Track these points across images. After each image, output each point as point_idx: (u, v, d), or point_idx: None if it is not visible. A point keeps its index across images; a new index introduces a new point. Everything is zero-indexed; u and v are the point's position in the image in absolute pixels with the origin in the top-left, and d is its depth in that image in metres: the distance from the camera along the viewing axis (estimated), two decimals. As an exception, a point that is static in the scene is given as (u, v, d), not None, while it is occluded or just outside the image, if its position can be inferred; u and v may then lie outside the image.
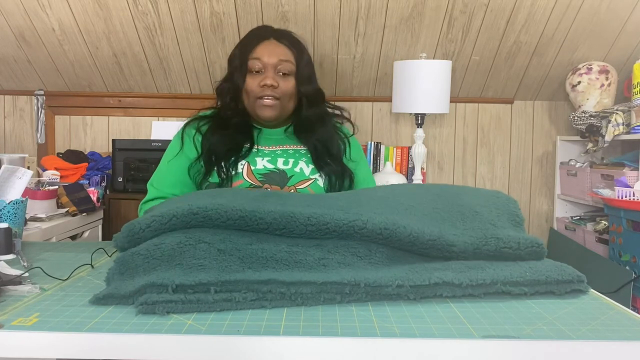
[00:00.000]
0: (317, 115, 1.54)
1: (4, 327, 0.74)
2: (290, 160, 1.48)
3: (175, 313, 0.79)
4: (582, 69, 2.75)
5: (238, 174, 1.44)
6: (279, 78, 1.49)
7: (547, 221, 3.16)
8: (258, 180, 1.43)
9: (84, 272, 1.04)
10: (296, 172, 1.46)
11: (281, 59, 1.49)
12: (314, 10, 2.56)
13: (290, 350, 0.73)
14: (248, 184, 1.43)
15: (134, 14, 2.60)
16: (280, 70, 1.49)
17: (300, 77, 1.51)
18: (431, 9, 2.56)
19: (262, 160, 1.47)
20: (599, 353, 0.73)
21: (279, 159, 1.48)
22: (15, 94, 3.13)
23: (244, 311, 0.82)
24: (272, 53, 1.49)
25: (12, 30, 2.72)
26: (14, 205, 1.27)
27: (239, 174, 1.44)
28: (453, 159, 3.14)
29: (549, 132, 3.14)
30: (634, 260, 2.23)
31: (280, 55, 1.50)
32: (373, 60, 2.84)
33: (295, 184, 1.44)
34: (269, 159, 1.48)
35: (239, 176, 1.43)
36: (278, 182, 1.44)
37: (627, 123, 2.53)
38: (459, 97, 3.07)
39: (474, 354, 0.73)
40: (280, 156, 1.49)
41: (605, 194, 2.44)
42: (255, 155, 1.48)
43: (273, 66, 1.49)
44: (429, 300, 0.88)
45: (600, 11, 2.55)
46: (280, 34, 1.54)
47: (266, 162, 1.47)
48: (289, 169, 1.46)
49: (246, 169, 1.45)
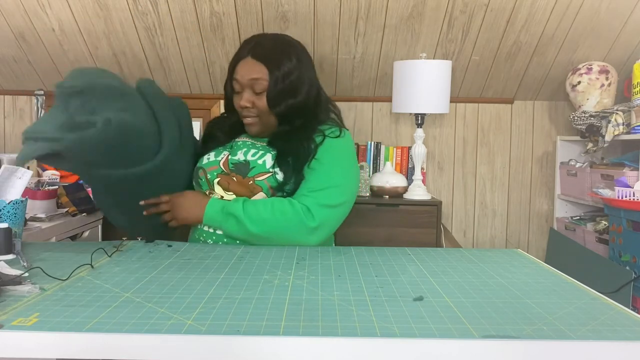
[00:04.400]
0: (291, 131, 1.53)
1: (4, 327, 0.74)
2: (260, 152, 1.52)
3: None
4: (582, 69, 2.75)
5: (216, 161, 1.54)
6: (254, 96, 1.50)
7: (547, 221, 3.16)
8: (229, 169, 1.51)
9: (84, 272, 1.04)
10: (258, 164, 1.49)
11: (252, 77, 1.49)
12: (314, 10, 2.56)
13: (290, 350, 0.73)
14: (220, 170, 1.52)
15: (134, 14, 2.60)
16: (254, 89, 1.50)
17: (270, 94, 1.49)
18: (431, 9, 2.56)
19: (240, 152, 1.54)
20: (599, 353, 0.73)
21: (250, 150, 1.53)
22: (15, 94, 3.13)
23: (244, 311, 0.82)
24: (245, 73, 1.50)
25: (12, 30, 2.72)
26: (14, 205, 1.27)
27: (217, 161, 1.53)
28: (453, 159, 3.14)
29: (549, 132, 3.14)
30: (634, 260, 2.23)
31: (253, 74, 1.49)
32: (373, 60, 2.84)
33: (254, 176, 1.48)
34: (245, 150, 1.54)
35: (216, 162, 1.53)
36: (242, 171, 1.49)
37: (627, 123, 2.53)
38: (459, 97, 3.07)
39: (474, 354, 0.73)
40: (254, 148, 1.54)
41: (605, 194, 2.44)
42: (237, 148, 1.55)
43: (248, 85, 1.51)
44: (429, 300, 0.89)
45: (600, 11, 2.55)
46: (258, 50, 1.51)
47: (241, 154, 1.53)
48: (253, 161, 1.50)
49: (225, 157, 1.53)
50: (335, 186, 1.47)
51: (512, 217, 3.17)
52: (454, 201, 3.15)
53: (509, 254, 1.26)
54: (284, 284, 0.98)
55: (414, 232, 2.67)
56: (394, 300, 0.89)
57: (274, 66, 1.49)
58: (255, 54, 1.50)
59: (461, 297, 0.92)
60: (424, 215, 2.67)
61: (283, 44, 1.54)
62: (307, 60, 1.58)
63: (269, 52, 1.51)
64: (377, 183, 2.77)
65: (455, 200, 3.15)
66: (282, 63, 1.49)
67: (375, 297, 0.90)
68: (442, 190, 3.15)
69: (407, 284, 1.00)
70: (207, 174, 1.52)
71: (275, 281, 1.00)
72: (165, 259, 1.17)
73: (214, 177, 1.51)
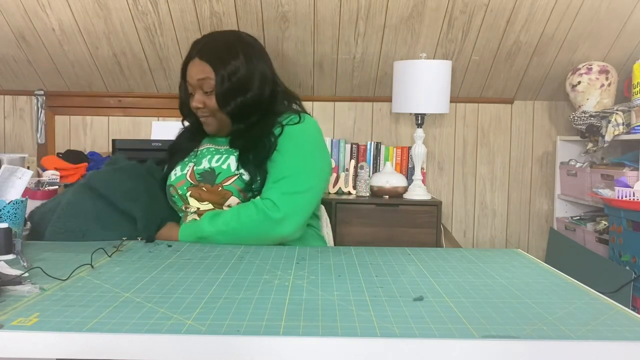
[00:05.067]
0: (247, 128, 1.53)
1: (4, 327, 0.74)
2: (223, 156, 1.50)
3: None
4: (582, 69, 2.75)
5: (183, 175, 1.52)
6: (205, 97, 1.50)
7: (547, 221, 3.16)
8: (196, 180, 1.49)
9: (84, 272, 1.04)
10: (223, 169, 1.47)
11: (200, 78, 1.49)
12: (314, 10, 2.56)
13: (290, 350, 0.73)
14: (189, 183, 1.50)
15: (134, 14, 2.60)
16: (204, 90, 1.50)
17: (218, 94, 1.49)
18: (431, 9, 2.56)
19: (205, 160, 1.52)
20: (599, 353, 0.73)
21: (215, 156, 1.52)
22: (15, 94, 3.13)
23: (244, 311, 0.82)
24: (193, 74, 1.50)
25: (12, 30, 2.72)
26: (14, 205, 1.27)
27: (183, 175, 1.52)
28: (453, 159, 3.14)
29: (549, 132, 3.14)
30: (634, 260, 2.23)
31: (200, 74, 1.49)
32: (373, 60, 2.84)
33: (221, 182, 1.46)
34: (209, 157, 1.52)
35: (183, 176, 1.52)
36: (209, 180, 1.48)
37: (627, 123, 2.53)
38: (459, 97, 3.07)
39: (474, 354, 0.73)
40: (217, 153, 1.53)
41: (605, 194, 2.44)
42: (202, 157, 1.53)
43: (198, 86, 1.50)
44: (429, 300, 0.89)
45: (600, 11, 2.55)
46: (204, 51, 1.51)
47: (206, 162, 1.51)
48: (217, 167, 1.48)
49: (190, 169, 1.52)
50: (297, 173, 1.45)
51: (512, 217, 3.17)
52: (454, 201, 3.15)
53: (509, 254, 1.26)
54: (284, 284, 0.98)
55: (414, 232, 2.67)
56: (394, 300, 0.89)
57: (220, 65, 1.48)
58: (202, 54, 1.50)
59: (461, 297, 0.92)
60: (424, 215, 2.67)
61: (229, 42, 1.53)
62: (258, 55, 1.55)
63: (214, 52, 1.50)
64: (377, 183, 2.77)
65: (455, 200, 3.15)
66: (228, 62, 1.49)
67: (375, 297, 0.90)
68: (442, 190, 3.15)
69: (407, 284, 0.99)
70: (178, 190, 1.51)
71: (275, 281, 1.00)
72: (165, 259, 1.17)
73: (185, 191, 1.50)
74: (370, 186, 2.81)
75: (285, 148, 1.48)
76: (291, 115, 1.54)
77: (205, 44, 1.52)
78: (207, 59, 1.49)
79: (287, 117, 1.53)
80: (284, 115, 1.54)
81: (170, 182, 1.55)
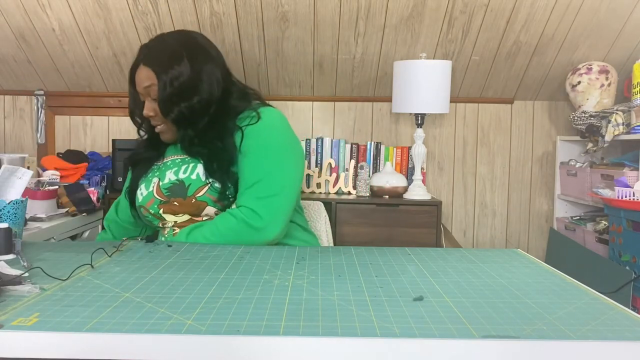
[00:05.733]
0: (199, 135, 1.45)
1: (4, 327, 0.74)
2: (191, 165, 1.44)
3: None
4: (582, 69, 2.75)
5: (150, 193, 1.45)
6: (154, 103, 1.43)
7: (547, 221, 3.16)
8: (165, 195, 1.43)
9: (84, 272, 1.04)
10: (192, 179, 1.41)
11: (145, 85, 1.42)
12: (314, 10, 2.56)
13: (290, 350, 0.73)
14: (158, 200, 1.43)
15: (134, 14, 2.60)
16: (151, 97, 1.43)
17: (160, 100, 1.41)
18: (431, 9, 2.56)
19: (170, 173, 1.45)
20: (599, 353, 0.73)
21: (181, 167, 1.45)
22: (15, 94, 3.13)
23: (244, 311, 0.82)
24: (139, 81, 1.44)
25: (12, 30, 2.72)
26: (14, 205, 1.27)
27: (150, 192, 1.45)
28: (453, 159, 3.14)
29: (549, 132, 3.14)
30: (634, 260, 2.23)
31: (145, 81, 1.42)
32: (373, 60, 2.84)
33: (193, 193, 1.40)
34: (175, 169, 1.45)
35: (151, 194, 1.45)
36: (179, 193, 1.41)
37: (627, 123, 2.53)
38: (459, 97, 3.07)
39: (474, 354, 0.73)
40: (185, 162, 1.46)
41: (605, 194, 2.44)
42: (166, 169, 1.47)
43: (146, 95, 1.44)
44: (429, 300, 0.89)
45: (600, 11, 2.55)
46: (147, 56, 1.44)
47: (172, 175, 1.44)
48: (186, 178, 1.42)
49: (156, 185, 1.45)
50: (269, 174, 1.39)
51: (512, 217, 3.17)
52: (454, 201, 3.15)
53: (508, 254, 1.26)
54: (284, 284, 0.98)
55: (414, 232, 2.67)
56: (394, 300, 0.89)
57: (162, 71, 1.40)
58: (146, 60, 1.43)
59: (461, 297, 0.92)
60: (424, 215, 2.67)
61: (174, 46, 1.44)
62: (205, 56, 1.47)
63: (157, 57, 1.43)
64: (377, 183, 2.77)
65: (455, 200, 3.15)
66: (170, 66, 1.41)
67: (375, 297, 0.90)
68: (442, 190, 3.15)
69: (407, 284, 0.99)
70: (150, 210, 1.45)
71: (275, 281, 1.00)
72: (165, 259, 1.17)
73: (157, 209, 1.44)
74: (370, 186, 2.81)
75: (251, 150, 1.41)
76: (250, 114, 1.45)
77: (151, 49, 1.45)
78: (151, 65, 1.42)
79: (244, 118, 1.45)
80: (242, 116, 1.46)
81: (139, 204, 1.48)
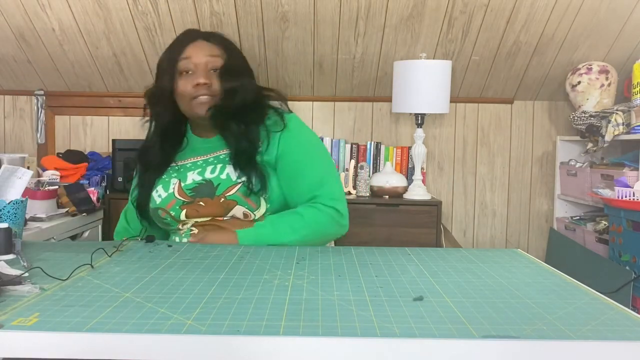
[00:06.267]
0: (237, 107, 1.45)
1: (4, 327, 0.74)
2: (218, 166, 1.45)
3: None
4: (582, 69, 2.75)
5: (170, 194, 1.44)
6: (211, 76, 1.45)
7: (547, 221, 3.16)
8: (189, 196, 1.43)
9: (84, 272, 1.04)
10: (222, 179, 1.42)
11: (212, 54, 1.45)
12: (314, 10, 2.56)
13: (290, 350, 0.73)
14: (181, 201, 1.43)
15: (134, 14, 2.60)
16: (211, 68, 1.45)
17: (225, 71, 1.45)
18: (431, 9, 2.56)
19: (192, 174, 1.45)
20: (599, 353, 0.73)
21: (208, 167, 1.45)
22: (15, 94, 3.13)
23: (244, 311, 0.82)
24: (200, 52, 1.46)
25: (12, 30, 2.72)
26: (14, 205, 1.27)
27: (172, 193, 1.44)
28: (453, 159, 3.14)
29: (549, 132, 3.14)
30: (634, 260, 2.23)
31: (209, 52, 1.46)
32: (373, 60, 2.84)
33: (223, 192, 1.41)
34: (199, 170, 1.45)
35: (172, 196, 1.44)
36: (207, 193, 1.41)
37: (627, 123, 2.53)
38: (459, 97, 3.07)
39: (474, 354, 0.73)
40: (210, 164, 1.46)
41: (605, 194, 2.44)
42: (186, 171, 1.47)
43: (204, 65, 1.45)
44: (429, 300, 0.89)
45: (600, 11, 2.55)
46: (208, 35, 1.51)
47: (196, 175, 1.44)
48: (215, 177, 1.42)
49: (177, 186, 1.45)
50: (328, 174, 1.48)
51: (512, 217, 3.17)
52: (454, 201, 3.15)
53: (509, 254, 1.26)
54: (284, 284, 0.98)
55: (414, 232, 2.67)
56: (394, 300, 0.89)
57: (228, 49, 1.49)
58: (208, 37, 1.50)
59: (461, 297, 0.92)
60: (424, 215, 2.67)
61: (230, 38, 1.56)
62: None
63: (221, 38, 1.52)
64: (377, 183, 2.77)
65: (455, 200, 3.15)
66: (233, 48, 1.51)
67: (375, 297, 0.90)
68: (442, 190, 3.15)
69: (407, 284, 0.99)
70: (170, 212, 1.44)
71: (275, 281, 1.00)
72: (165, 259, 1.17)
73: (178, 211, 1.43)
74: (370, 186, 2.81)
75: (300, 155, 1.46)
76: (275, 118, 1.48)
77: (206, 32, 1.53)
78: (214, 41, 1.49)
79: (272, 120, 1.48)
80: (269, 116, 1.49)
81: (156, 205, 1.46)
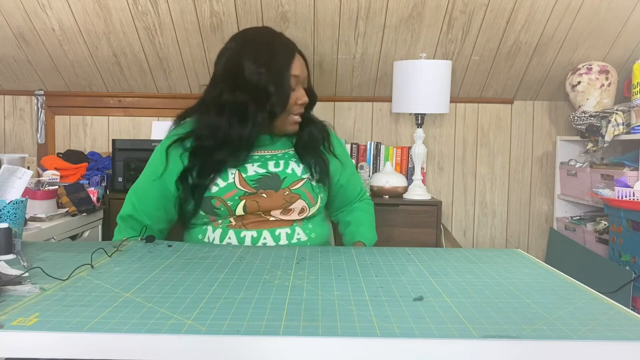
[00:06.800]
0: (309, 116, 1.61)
1: (4, 327, 0.74)
2: (281, 162, 1.50)
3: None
4: (582, 69, 2.75)
5: (230, 184, 1.44)
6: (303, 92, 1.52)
7: (547, 221, 3.16)
8: (252, 187, 1.44)
9: (84, 272, 1.04)
10: (288, 173, 1.48)
11: (305, 73, 1.51)
12: (314, 10, 2.56)
13: (290, 350, 0.73)
14: (242, 192, 1.44)
15: (134, 14, 2.60)
16: (303, 85, 1.51)
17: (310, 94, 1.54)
18: (431, 9, 2.56)
19: (252, 167, 1.47)
20: (599, 353, 0.73)
21: (269, 162, 1.50)
22: (15, 94, 3.13)
23: (244, 311, 0.82)
24: (302, 68, 1.50)
25: (12, 30, 2.72)
26: (14, 205, 1.27)
27: (231, 184, 1.44)
28: (453, 159, 3.14)
29: (549, 132, 3.14)
30: (634, 260, 2.23)
31: (304, 69, 1.51)
32: (373, 60, 2.84)
33: (289, 186, 1.46)
34: (259, 163, 1.49)
35: (232, 186, 1.44)
36: (272, 185, 1.45)
37: (627, 123, 2.53)
38: (459, 97, 3.07)
39: (474, 354, 0.73)
40: (270, 159, 1.51)
41: (605, 194, 2.44)
42: (245, 162, 1.48)
43: (301, 82, 1.50)
44: (429, 300, 0.89)
45: (600, 11, 2.55)
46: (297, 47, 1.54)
47: (257, 168, 1.47)
48: (280, 171, 1.48)
49: (237, 177, 1.45)
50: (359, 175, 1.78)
51: (512, 217, 3.17)
52: (454, 201, 3.15)
53: (509, 254, 1.26)
54: (284, 284, 0.98)
55: (414, 232, 2.67)
56: (394, 300, 0.89)
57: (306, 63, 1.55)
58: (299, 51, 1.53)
59: (461, 297, 0.92)
60: (424, 215, 2.67)
61: None
62: None
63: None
64: (377, 183, 2.77)
65: (455, 200, 3.15)
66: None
67: (375, 297, 0.90)
68: (442, 190, 3.15)
69: (407, 284, 1.00)
70: (227, 202, 1.42)
71: (275, 281, 1.00)
72: (165, 259, 1.17)
73: (237, 202, 1.43)
74: (370, 186, 2.81)
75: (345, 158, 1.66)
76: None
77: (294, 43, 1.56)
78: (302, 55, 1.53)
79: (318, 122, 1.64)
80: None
81: (211, 194, 1.43)
